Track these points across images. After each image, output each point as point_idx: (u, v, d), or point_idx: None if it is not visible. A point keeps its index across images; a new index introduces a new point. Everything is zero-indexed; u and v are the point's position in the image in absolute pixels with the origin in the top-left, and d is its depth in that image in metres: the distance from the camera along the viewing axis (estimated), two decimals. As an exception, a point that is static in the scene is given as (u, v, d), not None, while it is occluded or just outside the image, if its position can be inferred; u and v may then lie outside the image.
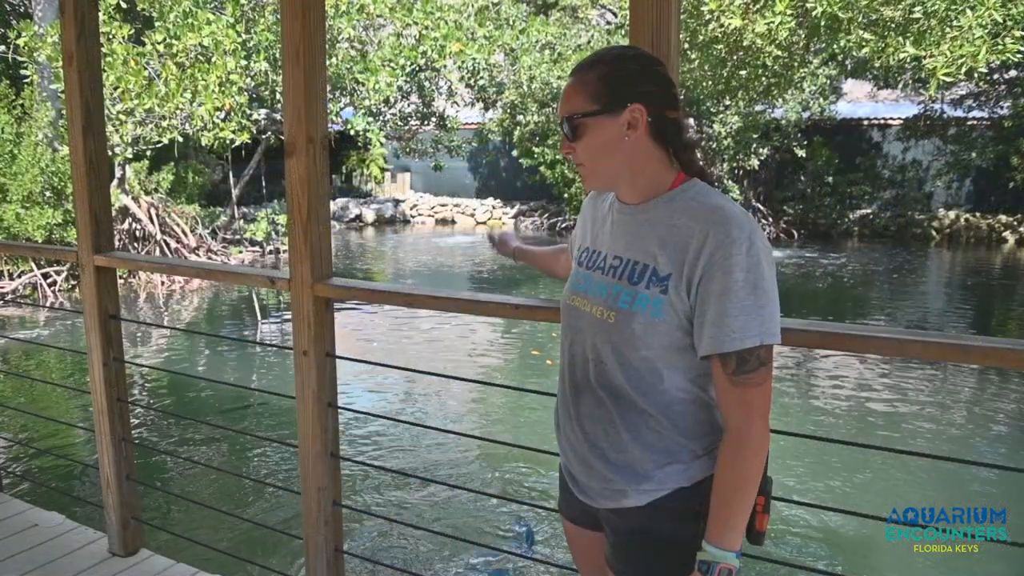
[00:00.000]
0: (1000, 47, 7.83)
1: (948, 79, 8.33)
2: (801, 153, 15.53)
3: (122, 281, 10.47)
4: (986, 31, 7.84)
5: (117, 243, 10.18)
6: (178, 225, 11.98)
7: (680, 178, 1.31)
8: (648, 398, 1.27)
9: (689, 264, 1.19)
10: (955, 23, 7.95)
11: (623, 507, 1.33)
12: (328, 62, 9.54)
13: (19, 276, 9.88)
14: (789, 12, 8.87)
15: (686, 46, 11.51)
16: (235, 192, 13.99)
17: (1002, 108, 14.54)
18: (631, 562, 1.36)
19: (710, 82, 12.85)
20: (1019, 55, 8.17)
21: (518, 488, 4.59)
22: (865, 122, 17.11)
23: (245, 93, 10.30)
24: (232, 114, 10.02)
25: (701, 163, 1.34)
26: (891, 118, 16.78)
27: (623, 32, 14.96)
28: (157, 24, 9.71)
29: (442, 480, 4.41)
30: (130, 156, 10.69)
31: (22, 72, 10.61)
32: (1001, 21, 7.77)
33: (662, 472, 1.28)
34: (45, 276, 9.99)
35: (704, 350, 1.20)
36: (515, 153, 17.31)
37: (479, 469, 4.89)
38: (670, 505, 1.29)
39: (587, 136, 1.27)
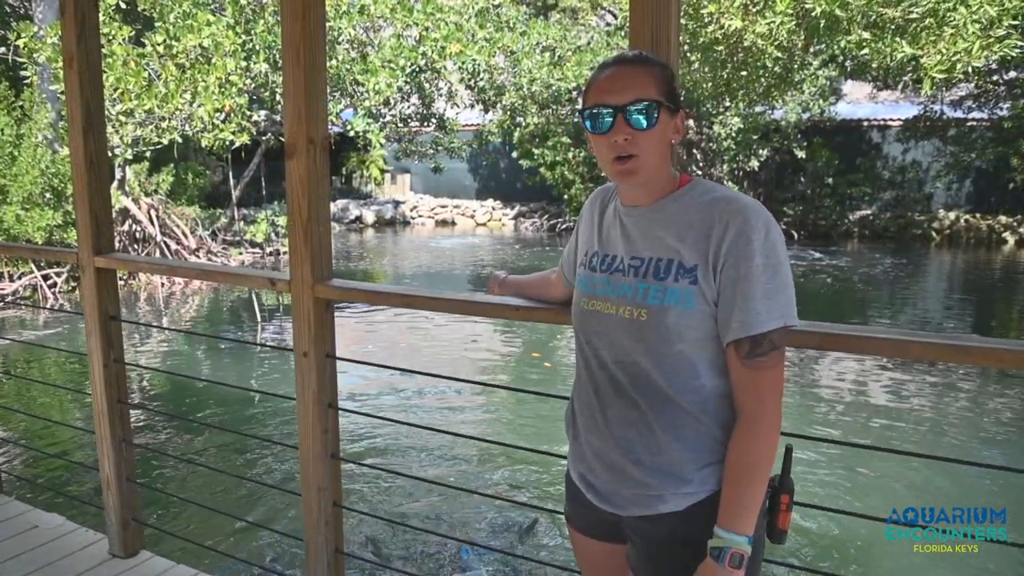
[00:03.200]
0: (993, 40, 7.84)
1: (942, 76, 8.34)
2: (801, 154, 15.54)
3: (122, 283, 10.48)
4: (980, 27, 7.86)
5: (117, 245, 10.18)
6: (178, 226, 11.98)
7: (684, 178, 1.33)
8: (686, 395, 1.26)
9: (713, 252, 1.22)
10: (951, 21, 7.97)
11: (658, 513, 1.30)
12: (328, 63, 9.55)
13: (19, 278, 9.88)
14: (789, 12, 8.88)
15: (686, 48, 11.52)
16: (235, 193, 13.99)
17: (1002, 109, 14.55)
18: (665, 570, 1.33)
19: (710, 84, 12.86)
20: (1017, 50, 8.18)
21: (518, 489, 4.59)
22: (865, 123, 17.12)
23: (245, 94, 10.31)
24: (232, 115, 10.02)
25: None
26: (891, 119, 16.80)
27: (623, 34, 14.97)
28: (157, 25, 9.72)
29: (442, 481, 4.40)
30: (130, 157, 10.70)
31: (22, 74, 10.62)
32: (996, 16, 7.78)
33: (701, 474, 1.27)
34: (45, 278, 9.99)
35: (733, 335, 1.21)
36: (515, 154, 17.33)
37: (479, 470, 4.89)
38: (709, 509, 1.27)
39: (658, 127, 1.25)
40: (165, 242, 11.59)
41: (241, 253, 13.08)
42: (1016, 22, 8.03)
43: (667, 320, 1.24)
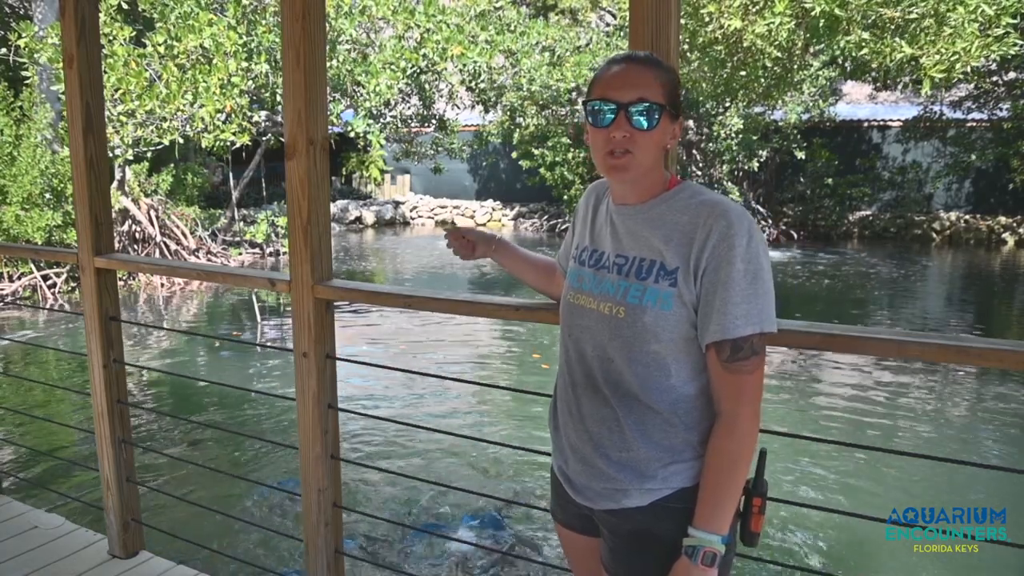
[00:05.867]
0: (991, 40, 7.85)
1: (940, 76, 8.34)
2: (801, 155, 15.55)
3: (122, 283, 10.47)
4: (977, 25, 7.88)
5: (117, 245, 10.19)
6: (178, 227, 11.99)
7: (674, 180, 1.34)
8: (655, 395, 1.28)
9: (695, 256, 1.23)
10: (949, 21, 7.98)
11: (623, 507, 1.32)
12: (329, 64, 9.54)
13: (19, 278, 9.88)
14: (788, 13, 8.88)
15: (686, 47, 11.53)
16: (235, 194, 14.00)
17: (1001, 110, 14.55)
18: (631, 565, 1.35)
19: (710, 84, 12.86)
20: (1016, 47, 8.18)
21: (518, 489, 4.59)
22: (865, 123, 17.14)
23: (246, 95, 10.31)
24: (233, 116, 10.02)
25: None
26: (891, 120, 16.81)
27: (622, 34, 14.97)
28: (158, 25, 9.72)
29: (441, 482, 4.40)
30: (130, 158, 10.70)
31: (22, 74, 10.62)
32: (994, 15, 7.79)
33: (666, 471, 1.29)
34: (45, 278, 9.99)
35: (710, 337, 1.23)
36: (515, 155, 17.34)
37: (478, 470, 4.89)
38: (673, 506, 1.29)
39: (657, 130, 1.27)
40: (165, 243, 11.60)
41: (241, 253, 13.08)
42: (1014, 20, 8.03)
43: (644, 319, 1.26)
